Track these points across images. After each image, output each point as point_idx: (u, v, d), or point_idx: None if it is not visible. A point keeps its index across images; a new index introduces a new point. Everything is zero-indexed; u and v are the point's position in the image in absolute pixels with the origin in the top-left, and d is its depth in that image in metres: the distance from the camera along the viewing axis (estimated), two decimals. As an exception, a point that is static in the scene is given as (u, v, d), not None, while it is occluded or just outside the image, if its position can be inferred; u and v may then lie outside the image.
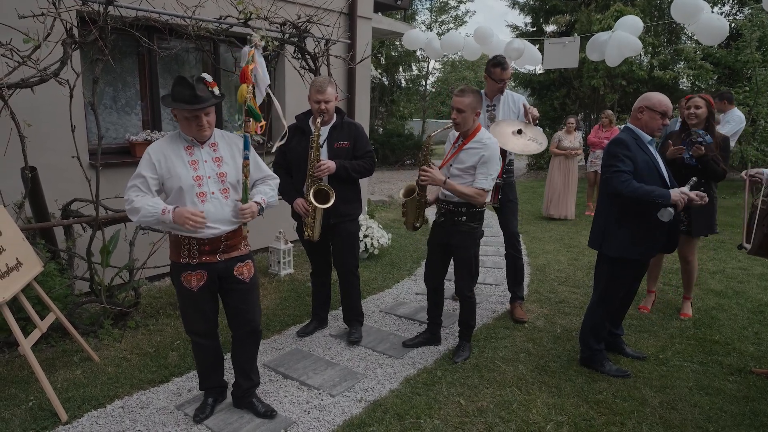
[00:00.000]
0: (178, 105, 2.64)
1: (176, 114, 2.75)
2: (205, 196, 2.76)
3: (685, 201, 3.25)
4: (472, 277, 3.79)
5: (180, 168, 2.73)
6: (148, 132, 5.34)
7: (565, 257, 6.55)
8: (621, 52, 6.39)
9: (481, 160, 3.51)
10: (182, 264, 2.83)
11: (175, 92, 2.65)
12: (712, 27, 6.00)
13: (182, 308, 3.01)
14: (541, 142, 4.19)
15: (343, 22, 6.83)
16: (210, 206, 2.76)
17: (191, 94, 2.63)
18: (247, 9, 4.41)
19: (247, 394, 3.15)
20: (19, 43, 3.38)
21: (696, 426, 3.09)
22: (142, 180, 2.70)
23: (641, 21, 6.29)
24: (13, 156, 3.79)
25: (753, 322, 4.54)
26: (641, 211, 3.35)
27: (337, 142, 3.82)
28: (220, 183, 2.81)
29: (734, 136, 6.89)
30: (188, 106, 2.64)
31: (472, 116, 3.56)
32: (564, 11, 15.91)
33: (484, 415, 3.17)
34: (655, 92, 3.49)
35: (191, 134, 2.76)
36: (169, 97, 2.70)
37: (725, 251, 6.68)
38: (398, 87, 20.26)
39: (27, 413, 3.09)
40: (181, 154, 2.77)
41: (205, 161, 2.79)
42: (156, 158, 2.73)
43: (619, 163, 3.34)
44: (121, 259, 4.40)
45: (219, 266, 2.87)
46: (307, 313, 4.57)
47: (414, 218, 3.93)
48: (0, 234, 3.18)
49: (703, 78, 12.67)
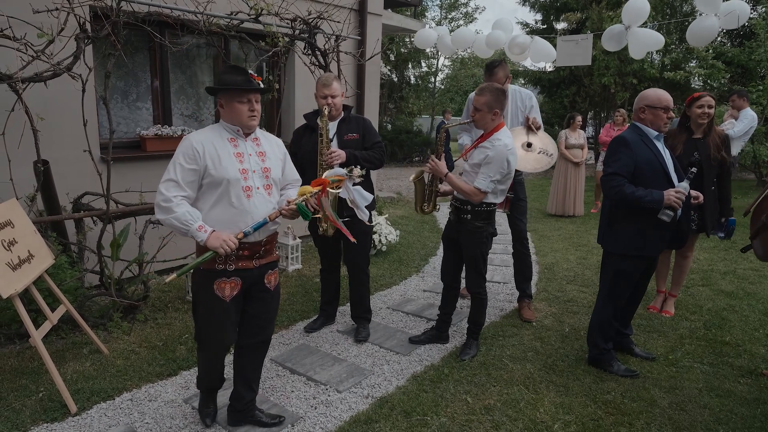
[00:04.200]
0: (236, 86, 2.53)
1: (223, 103, 2.60)
2: (251, 190, 2.60)
3: (682, 200, 3.22)
4: (480, 276, 3.79)
5: (226, 159, 2.55)
6: (158, 127, 5.36)
7: (573, 256, 6.52)
8: (643, 48, 6.33)
9: (485, 160, 3.51)
10: (217, 271, 2.61)
11: (227, 78, 2.55)
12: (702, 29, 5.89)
13: (205, 319, 2.73)
14: (551, 154, 4.14)
15: (354, 18, 6.82)
16: (256, 201, 2.61)
17: (245, 79, 2.54)
18: (258, 5, 4.42)
19: (249, 407, 2.97)
20: (33, 37, 3.40)
21: (705, 428, 3.06)
22: (181, 170, 2.49)
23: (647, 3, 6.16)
24: (26, 149, 3.82)
25: (765, 324, 4.50)
26: (653, 208, 3.33)
27: (347, 135, 3.85)
28: (264, 178, 2.67)
29: (746, 135, 6.85)
30: (248, 86, 2.54)
31: (489, 115, 3.56)
32: (575, 8, 15.81)
33: (491, 413, 3.17)
34: (651, 89, 3.48)
35: (241, 123, 2.61)
36: (220, 83, 2.58)
37: (736, 252, 6.62)
38: (407, 84, 20.23)
39: (37, 404, 3.12)
40: (226, 145, 2.60)
41: (249, 154, 2.64)
42: (198, 147, 2.52)
43: (615, 163, 3.34)
44: (131, 252, 4.43)
45: (254, 273, 2.71)
46: (315, 308, 4.58)
47: (421, 200, 3.99)
48: (12, 226, 3.20)
49: (715, 77, 12.55)
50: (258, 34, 4.95)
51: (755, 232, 3.43)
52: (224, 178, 2.53)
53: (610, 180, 3.32)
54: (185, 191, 2.51)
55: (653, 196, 3.23)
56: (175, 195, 2.48)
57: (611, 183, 3.32)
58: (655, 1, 13.88)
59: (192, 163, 2.50)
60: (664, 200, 3.20)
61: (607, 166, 3.40)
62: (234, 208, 2.57)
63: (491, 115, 3.55)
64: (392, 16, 9.21)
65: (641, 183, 3.30)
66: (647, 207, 3.25)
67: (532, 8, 17.44)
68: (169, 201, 2.47)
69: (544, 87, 17.28)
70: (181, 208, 2.47)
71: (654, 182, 3.30)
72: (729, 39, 15.15)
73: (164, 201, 2.47)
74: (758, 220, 3.41)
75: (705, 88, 13.55)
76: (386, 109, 18.44)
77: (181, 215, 2.45)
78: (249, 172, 2.61)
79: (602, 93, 15.09)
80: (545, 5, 17.21)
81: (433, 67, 22.59)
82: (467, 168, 3.67)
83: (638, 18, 6.15)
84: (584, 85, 15.25)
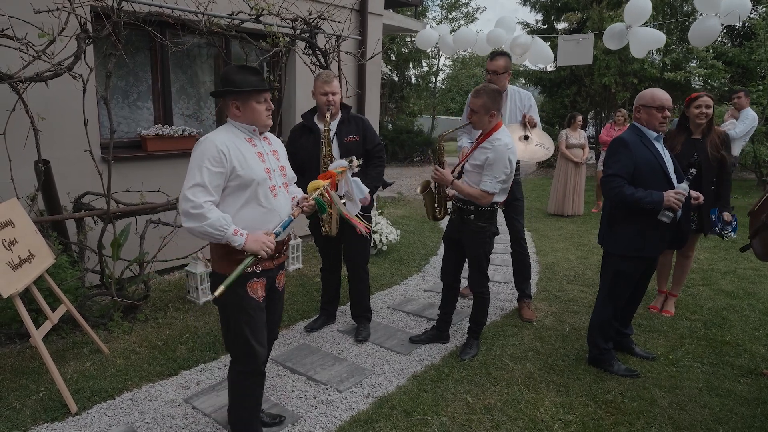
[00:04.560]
0: (256, 88, 2.45)
1: (239, 104, 2.48)
2: (276, 189, 2.56)
3: (682, 201, 3.23)
4: (483, 275, 3.80)
5: (251, 159, 2.47)
6: (159, 126, 5.36)
7: (574, 255, 6.52)
8: (645, 46, 6.33)
9: (487, 162, 3.52)
10: (247, 273, 2.49)
11: (243, 79, 2.44)
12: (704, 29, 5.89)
13: (242, 326, 2.54)
14: (548, 147, 4.16)
15: (354, 18, 6.83)
16: (281, 200, 2.59)
17: (260, 78, 2.48)
18: (258, 5, 4.42)
19: None
20: (34, 37, 3.41)
21: (706, 427, 3.06)
22: (208, 173, 2.35)
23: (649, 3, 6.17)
24: (27, 149, 3.83)
25: (765, 324, 4.50)
26: (652, 209, 3.33)
27: (347, 137, 3.83)
28: (282, 176, 2.64)
29: (747, 135, 6.85)
30: (266, 86, 2.47)
31: (486, 117, 3.56)
32: (575, 8, 15.80)
33: (492, 412, 3.17)
34: (649, 89, 3.48)
35: (259, 122, 2.53)
36: (233, 84, 2.45)
37: (737, 251, 6.61)
38: (408, 83, 20.22)
39: (37, 404, 3.13)
40: (247, 145, 2.50)
41: (267, 153, 2.60)
42: (223, 149, 2.39)
43: (615, 165, 3.35)
44: (132, 252, 4.44)
45: (273, 273, 2.65)
46: (316, 308, 4.59)
47: (432, 209, 4.06)
48: (13, 226, 3.21)
49: (716, 77, 12.53)
50: (259, 34, 4.95)
51: (755, 232, 3.43)
52: (253, 178, 2.45)
53: (610, 181, 3.34)
54: (213, 196, 2.38)
55: (653, 198, 3.23)
56: (205, 200, 2.33)
57: (611, 184, 3.33)
58: (656, 1, 13.88)
59: (218, 165, 2.37)
60: (663, 201, 3.21)
61: (607, 167, 3.40)
62: (263, 207, 2.51)
63: (488, 116, 3.56)
64: (393, 16, 9.21)
65: (641, 184, 3.30)
66: (647, 208, 3.26)
67: (532, 8, 17.43)
68: (199, 207, 2.31)
69: (545, 87, 17.27)
70: (214, 213, 2.35)
71: (653, 183, 3.30)
72: (729, 39, 15.14)
73: (194, 208, 2.31)
74: (758, 219, 3.41)
75: (705, 88, 13.55)
76: (387, 109, 18.44)
77: (215, 221, 2.33)
78: (271, 171, 2.57)
79: (603, 93, 15.07)
80: (546, 5, 17.20)
81: (434, 66, 22.60)
82: (469, 168, 3.67)
83: (640, 18, 6.15)
84: (585, 84, 15.24)
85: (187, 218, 2.34)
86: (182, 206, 2.34)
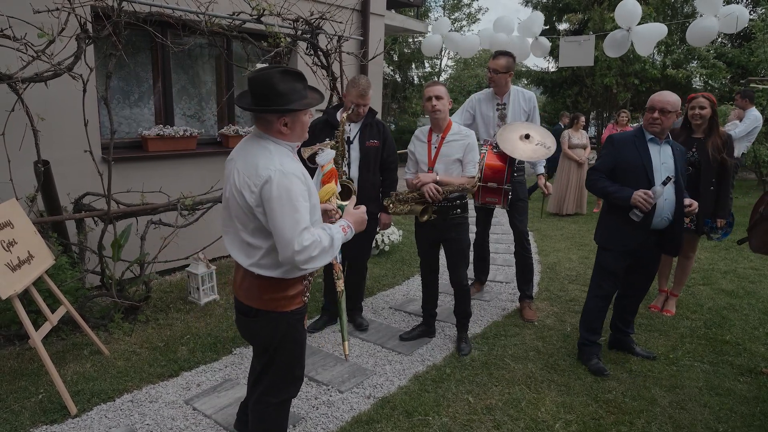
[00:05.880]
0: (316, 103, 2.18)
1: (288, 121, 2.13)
2: None
3: (650, 202, 3.28)
4: (466, 266, 3.92)
5: (311, 184, 2.21)
6: (160, 127, 5.36)
7: (575, 255, 6.51)
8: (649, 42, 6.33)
9: (468, 149, 3.67)
10: (302, 307, 2.35)
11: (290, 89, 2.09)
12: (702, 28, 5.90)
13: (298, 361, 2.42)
14: (549, 146, 4.15)
15: (356, 18, 6.83)
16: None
17: (305, 85, 2.18)
18: (260, 5, 4.42)
19: None
20: (33, 37, 3.40)
21: (706, 426, 3.06)
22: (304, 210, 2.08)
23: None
24: (27, 149, 3.83)
25: (764, 323, 4.49)
26: (620, 204, 3.48)
27: (369, 141, 3.91)
28: None
29: (750, 135, 6.84)
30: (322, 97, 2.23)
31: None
32: (577, 9, 15.83)
33: (493, 412, 3.16)
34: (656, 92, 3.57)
35: (303, 137, 2.25)
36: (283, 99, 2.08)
37: (737, 251, 6.61)
38: (411, 84, 20.25)
39: (37, 406, 3.12)
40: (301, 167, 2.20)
41: None
42: (304, 179, 2.14)
43: (599, 159, 3.65)
44: (132, 253, 4.43)
45: None
46: (317, 308, 4.58)
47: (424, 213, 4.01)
48: (12, 227, 3.21)
49: (716, 77, 12.53)
50: (260, 34, 4.95)
51: (753, 224, 3.51)
52: (315, 203, 2.24)
53: (590, 174, 3.63)
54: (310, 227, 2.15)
55: (621, 194, 3.40)
56: (313, 240, 2.06)
57: (590, 176, 3.62)
58: (657, 2, 13.89)
59: (308, 199, 2.12)
60: (631, 199, 3.33)
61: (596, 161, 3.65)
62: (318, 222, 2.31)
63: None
64: (395, 16, 9.22)
65: (621, 181, 3.49)
66: (616, 203, 3.46)
67: (534, 9, 17.44)
68: (320, 242, 2.08)
69: (547, 87, 17.31)
70: (324, 234, 2.13)
71: (632, 182, 3.43)
72: (729, 40, 15.14)
73: (317, 247, 2.07)
74: (756, 212, 3.48)
75: (706, 88, 13.54)
76: (389, 110, 18.45)
77: (337, 239, 2.18)
78: None
79: (604, 93, 15.09)
80: (547, 6, 17.22)
81: (437, 67, 22.61)
82: (442, 167, 3.70)
83: (632, 19, 6.18)
84: (586, 85, 15.26)
85: (322, 259, 2.11)
86: (299, 257, 2.04)
